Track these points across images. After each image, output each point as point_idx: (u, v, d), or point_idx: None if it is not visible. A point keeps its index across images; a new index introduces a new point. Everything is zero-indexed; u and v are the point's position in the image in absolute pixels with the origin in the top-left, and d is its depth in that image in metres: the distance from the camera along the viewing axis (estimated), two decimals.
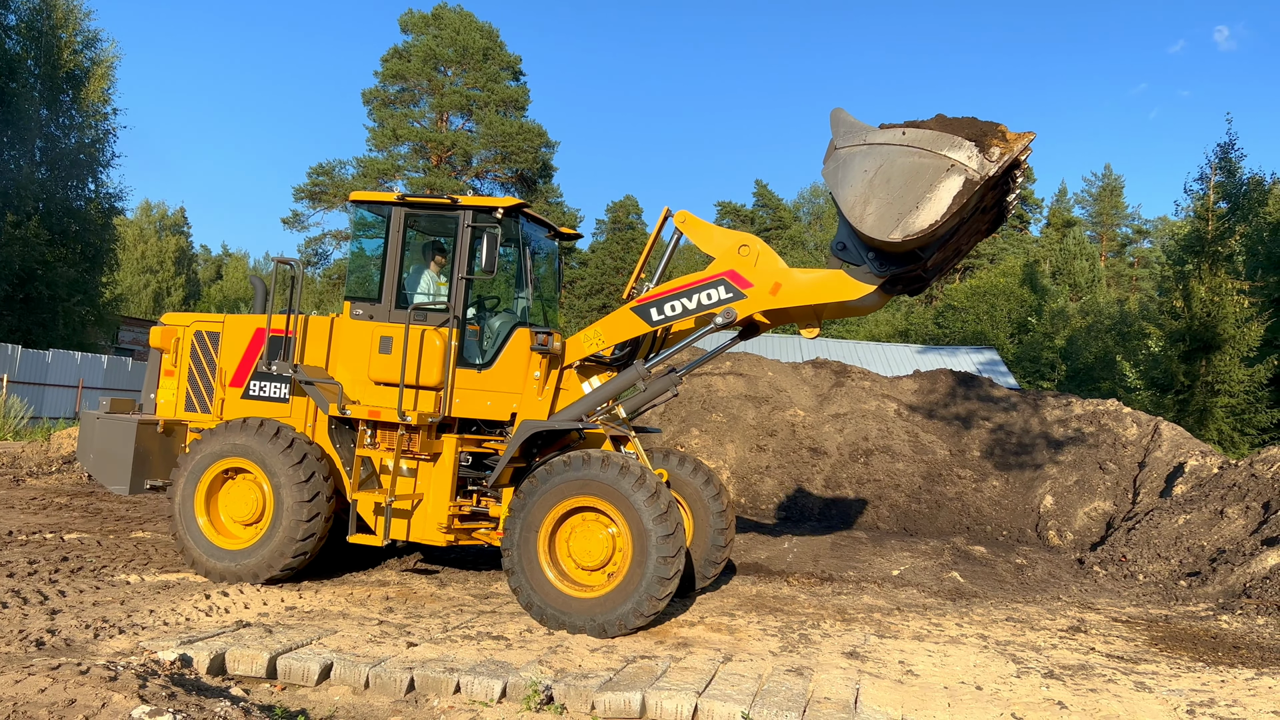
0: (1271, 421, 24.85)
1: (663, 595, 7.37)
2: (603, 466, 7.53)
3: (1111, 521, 15.50)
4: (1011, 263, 56.27)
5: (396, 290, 8.65)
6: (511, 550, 7.68)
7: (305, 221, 49.80)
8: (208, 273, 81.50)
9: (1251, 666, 7.84)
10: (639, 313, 8.17)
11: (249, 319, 9.22)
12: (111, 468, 8.96)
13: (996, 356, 37.98)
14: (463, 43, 49.02)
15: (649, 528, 7.34)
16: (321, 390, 8.54)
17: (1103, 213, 72.05)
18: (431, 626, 7.44)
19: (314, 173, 48.53)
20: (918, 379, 21.24)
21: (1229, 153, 30.61)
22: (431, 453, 8.46)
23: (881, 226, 6.72)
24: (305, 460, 8.31)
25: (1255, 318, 25.11)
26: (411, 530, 8.50)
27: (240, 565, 8.34)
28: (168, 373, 9.35)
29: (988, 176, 6.44)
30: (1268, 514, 12.47)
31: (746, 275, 7.89)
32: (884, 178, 6.72)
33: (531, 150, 49.23)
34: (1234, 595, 10.76)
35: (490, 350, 8.63)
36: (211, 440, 8.53)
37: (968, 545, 13.84)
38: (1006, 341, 46.19)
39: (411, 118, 49.93)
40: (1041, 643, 8.31)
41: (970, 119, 6.75)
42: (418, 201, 8.73)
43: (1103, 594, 11.30)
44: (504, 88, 50.14)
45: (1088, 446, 17.74)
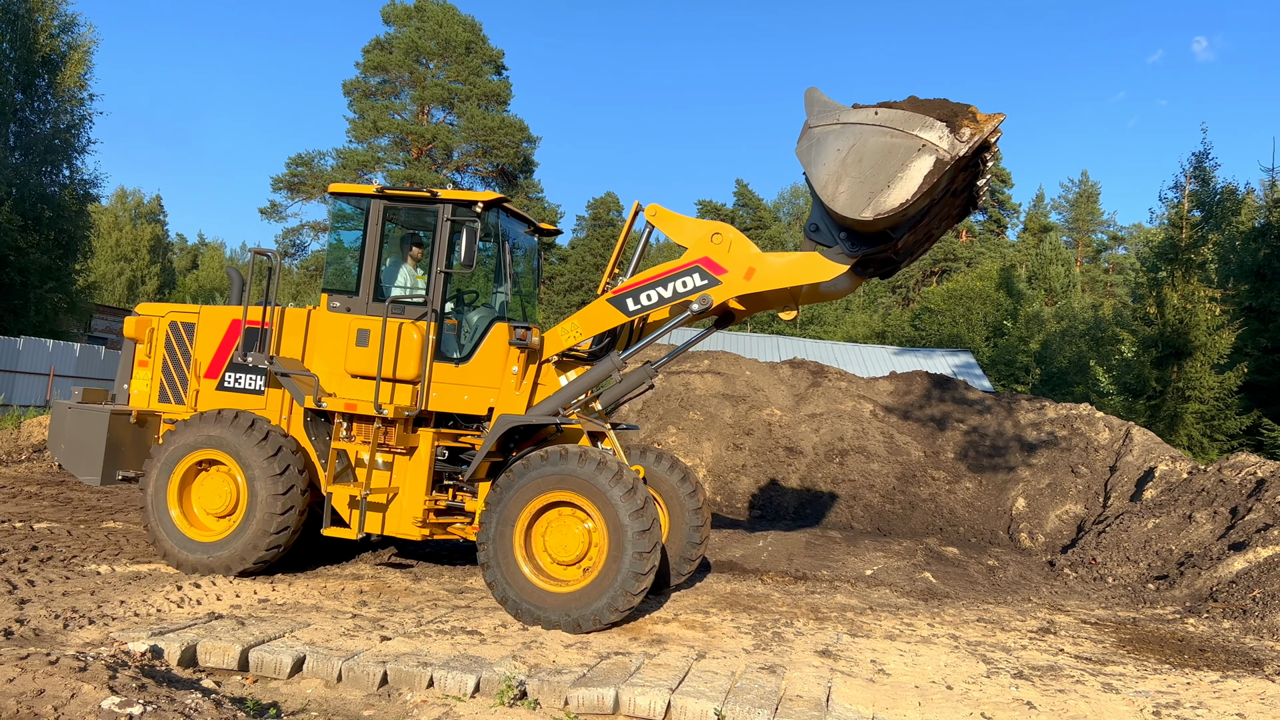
0: (1240, 428, 25.16)
1: (637, 591, 7.39)
2: (580, 462, 7.53)
3: (1082, 524, 15.67)
4: (988, 266, 56.72)
5: (374, 283, 8.62)
6: (487, 544, 7.68)
7: (283, 212, 49.40)
8: (183, 262, 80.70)
9: (1217, 669, 7.96)
10: (615, 303, 8.18)
11: (225, 310, 9.15)
12: (83, 458, 8.89)
13: (972, 359, 38.27)
14: (445, 35, 48.78)
15: (625, 523, 7.36)
16: (297, 382, 8.49)
17: (1079, 219, 72.73)
18: (405, 620, 7.42)
19: (293, 163, 48.17)
20: (894, 380, 21.38)
21: (1203, 162, 30.97)
22: (407, 446, 8.43)
23: (853, 205, 6.79)
24: (280, 453, 8.26)
25: (1226, 325, 25.42)
26: (386, 524, 8.47)
27: (213, 557, 8.27)
28: (141, 363, 9.26)
29: (958, 156, 6.54)
30: (1235, 519, 12.64)
31: (720, 261, 7.94)
32: (856, 156, 6.79)
33: (513, 145, 49.09)
34: (1201, 599, 10.90)
35: (468, 344, 8.61)
36: (185, 431, 8.46)
37: (940, 546, 13.97)
38: (982, 345, 46.56)
39: (392, 110, 49.65)
40: (1012, 643, 8.39)
41: (942, 100, 6.82)
42: (397, 194, 8.70)
43: (1072, 596, 11.43)
44: (486, 82, 49.95)
45: (1060, 450, 17.93)
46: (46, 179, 34.24)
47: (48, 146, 33.88)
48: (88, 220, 37.15)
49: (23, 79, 32.95)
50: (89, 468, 8.88)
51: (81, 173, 35.91)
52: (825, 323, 55.25)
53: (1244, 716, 6.59)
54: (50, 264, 32.72)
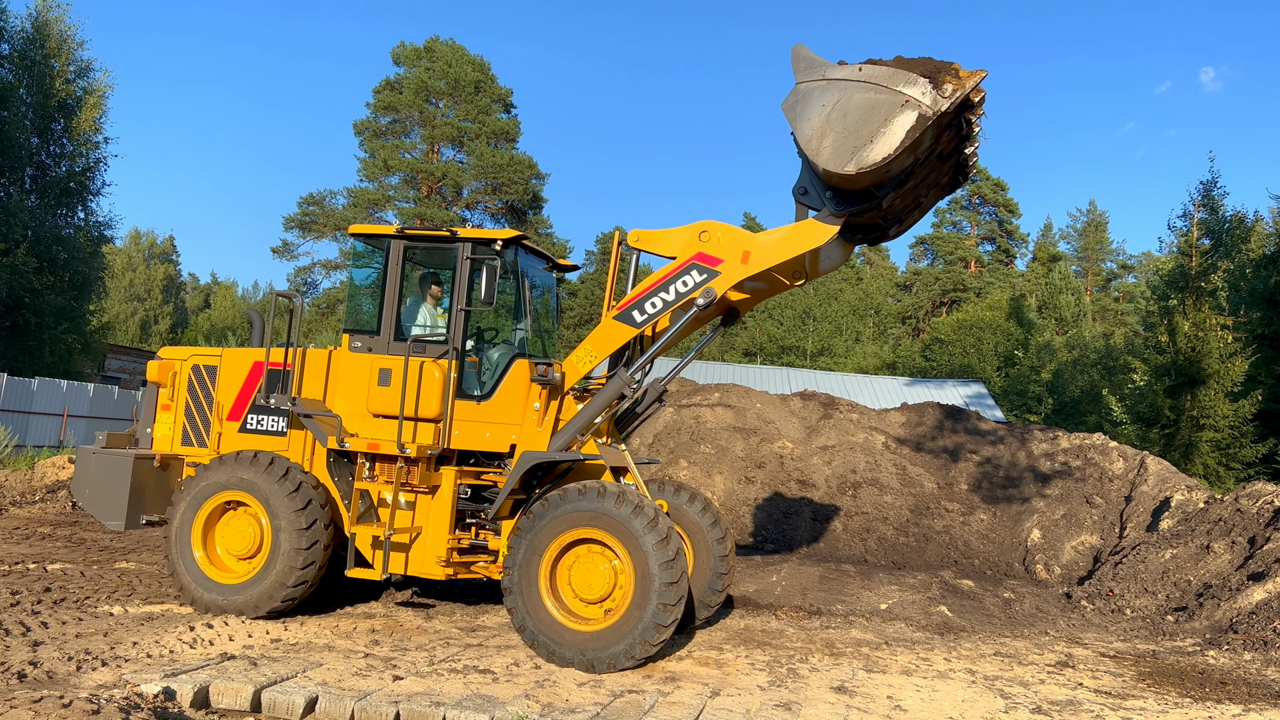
0: (1257, 456, 24.96)
1: (657, 641, 7.28)
2: (617, 502, 7.43)
3: (1098, 555, 15.53)
4: (998, 296, 56.68)
5: (395, 322, 8.63)
6: (513, 571, 7.59)
7: (295, 251, 49.86)
8: (196, 301, 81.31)
9: (1239, 702, 7.85)
10: (622, 319, 8.19)
11: (246, 352, 9.17)
12: (108, 503, 8.86)
13: (984, 389, 38.14)
14: (454, 75, 49.37)
15: (654, 572, 7.24)
16: (320, 423, 8.48)
17: (1088, 248, 72.71)
18: (418, 659, 7.39)
19: (304, 202, 48.68)
20: (905, 411, 21.31)
21: (1212, 190, 31.02)
22: (430, 485, 8.38)
23: (837, 159, 6.81)
24: (305, 497, 8.23)
25: (1239, 353, 25.31)
26: (410, 564, 8.40)
27: (234, 599, 8.22)
28: (164, 407, 9.27)
29: (940, 111, 6.57)
30: (1253, 549, 12.51)
31: (713, 253, 7.97)
32: (841, 112, 6.83)
33: (522, 182, 49.49)
34: (1221, 630, 10.77)
35: (489, 382, 8.60)
36: (210, 473, 8.44)
37: (955, 579, 13.85)
38: (993, 375, 46.42)
39: (403, 148, 50.17)
40: (1029, 678, 8.30)
41: (925, 59, 6.87)
42: (417, 234, 8.74)
43: (1090, 628, 11.30)
44: (495, 120, 50.47)
45: (1074, 480, 17.80)
46: (62, 221, 34.63)
47: (63, 189, 34.29)
48: (102, 261, 37.52)
49: (39, 124, 33.44)
50: (114, 512, 8.83)
51: (96, 215, 36.34)
52: (836, 354, 55.22)
53: None
54: (64, 305, 33.01)
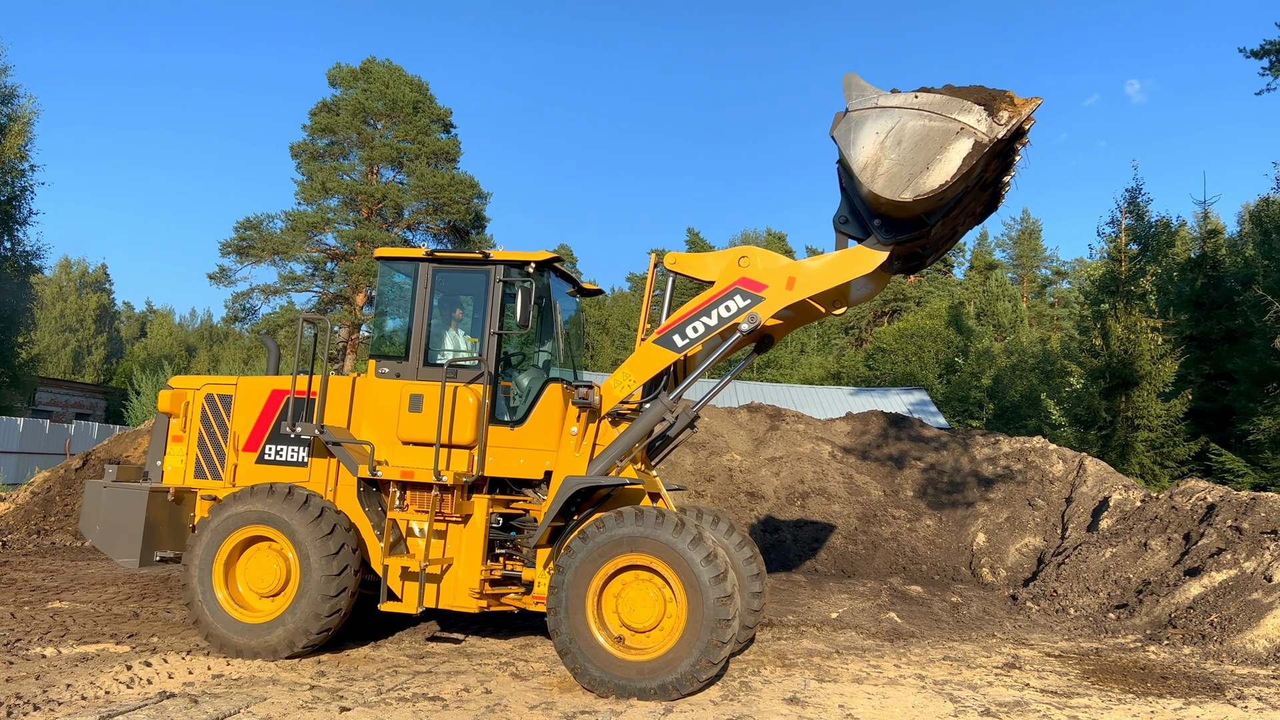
0: (1189, 454, 25.63)
1: (705, 678, 7.15)
2: (658, 524, 7.31)
3: (1042, 557, 15.81)
4: (937, 305, 57.62)
5: (425, 347, 8.45)
6: (559, 609, 7.40)
7: (233, 276, 48.74)
8: (131, 330, 79.39)
9: (1179, 696, 8.03)
10: (663, 343, 8.05)
11: (263, 380, 8.92)
12: (120, 539, 8.52)
13: (926, 397, 38.71)
14: (392, 96, 48.94)
15: (709, 607, 7.08)
16: (350, 451, 8.25)
17: (1022, 255, 74.33)
18: (365, 689, 7.25)
19: (241, 227, 47.68)
20: (850, 421, 21.55)
21: (1137, 197, 31.93)
22: (463, 514, 8.18)
23: (893, 186, 6.80)
24: (335, 531, 7.99)
25: (1169, 354, 26.01)
26: (441, 597, 8.18)
27: (265, 639, 7.92)
28: (176, 438, 8.96)
29: (996, 139, 6.61)
30: (1189, 545, 12.84)
31: (758, 279, 7.90)
32: (895, 139, 6.82)
33: (464, 201, 49.13)
34: (1160, 626, 11.02)
35: (522, 407, 8.44)
36: (230, 507, 8.14)
37: (904, 585, 14.00)
38: (935, 382, 47.12)
39: (341, 170, 49.50)
40: (978, 680, 8.40)
41: (978, 86, 6.90)
42: (447, 257, 8.59)
43: (1036, 629, 11.49)
44: (435, 140, 50.08)
45: (1016, 483, 18.13)
46: None
47: None
48: (30, 292, 36.45)
49: None
50: (127, 549, 8.49)
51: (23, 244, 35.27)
52: (782, 366, 55.65)
53: None
54: None
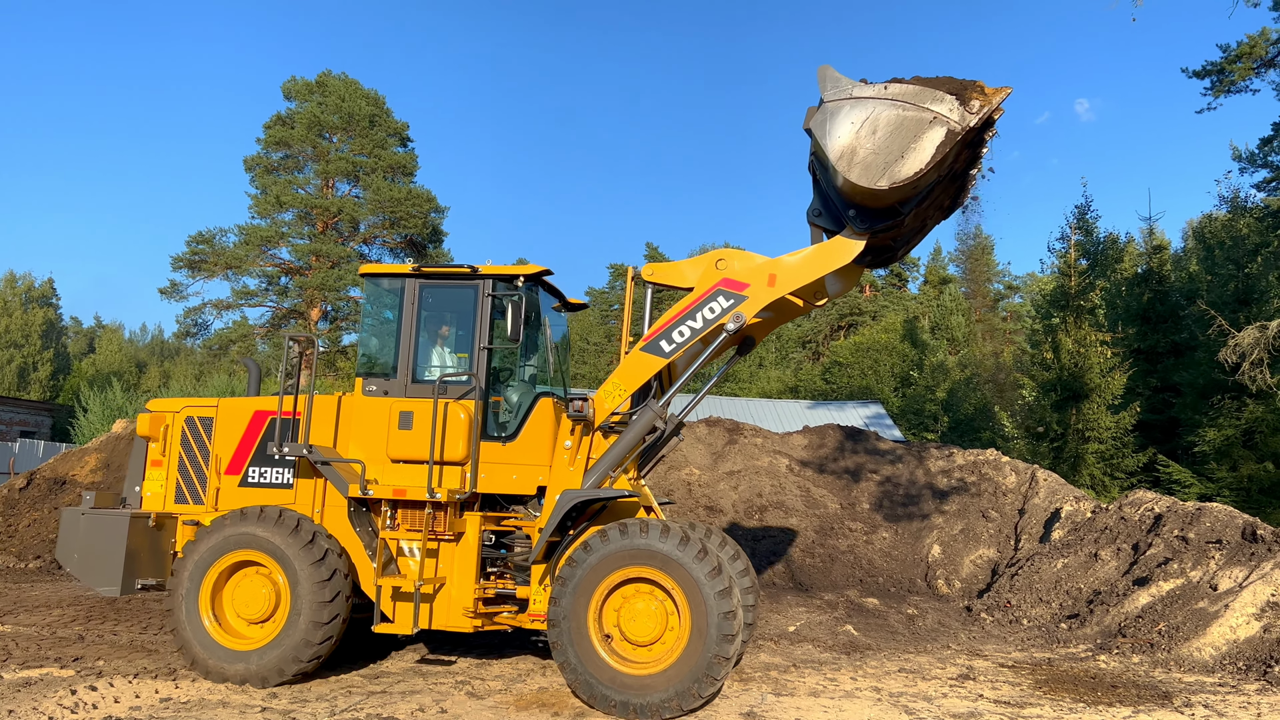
0: (1138, 465, 26.13)
1: (706, 694, 7.11)
2: (681, 545, 7.26)
3: (996, 568, 16.00)
4: (892, 319, 58.31)
5: (413, 364, 8.34)
6: (560, 610, 7.34)
7: (184, 291, 48.00)
8: (79, 346, 77.72)
9: (1128, 704, 8.16)
10: (650, 350, 8.04)
11: (245, 402, 8.76)
12: (100, 568, 8.27)
13: (882, 410, 39.08)
14: (348, 110, 48.64)
15: (713, 622, 7.07)
16: (340, 471, 8.12)
17: (975, 270, 75.46)
18: (318, 711, 7.15)
19: (193, 241, 46.98)
20: (807, 434, 21.68)
21: (1086, 214, 32.62)
22: (455, 532, 8.08)
23: (868, 175, 6.90)
24: (327, 558, 7.85)
25: (1118, 367, 26.56)
26: (434, 617, 8.06)
27: (254, 666, 7.74)
28: (155, 463, 8.77)
29: (968, 127, 6.75)
30: (1137, 554, 13.08)
31: (739, 278, 7.94)
32: (870, 129, 6.92)
33: (421, 215, 48.88)
34: (1111, 635, 11.20)
35: (513, 422, 8.36)
36: (216, 532, 7.96)
37: (861, 598, 14.08)
38: (891, 395, 47.61)
39: (296, 184, 49.04)
40: (933, 692, 8.47)
41: (949, 77, 7.03)
42: (434, 272, 8.48)
43: (990, 640, 11.62)
44: (391, 154, 49.82)
45: (970, 495, 18.35)
46: None
47: None
48: None
49: None
50: (108, 578, 8.24)
51: None
52: (740, 379, 55.92)
53: None
54: None
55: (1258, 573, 10.91)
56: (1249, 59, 21.57)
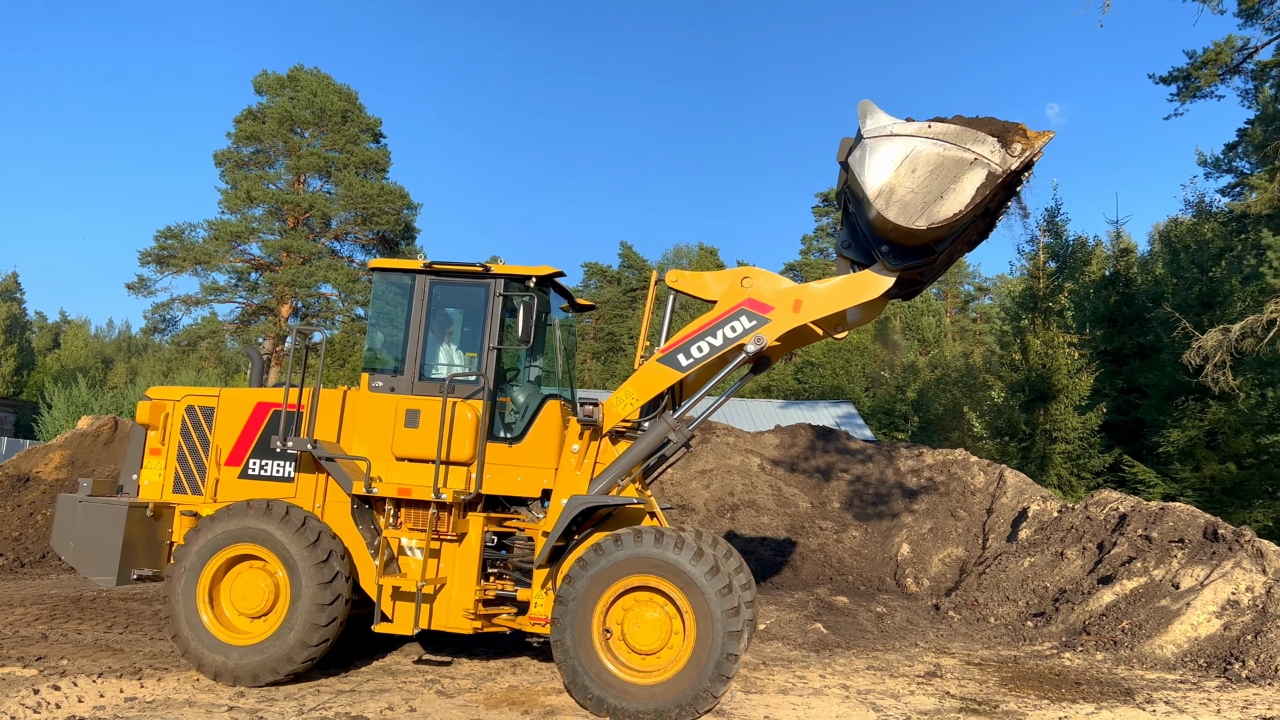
0: (1104, 465, 26.46)
1: (720, 693, 7.10)
2: (694, 558, 7.20)
3: (964, 566, 16.17)
4: None
5: (420, 361, 8.25)
6: (564, 618, 7.28)
7: (152, 287, 47.47)
8: (43, 341, 76.53)
9: (1092, 701, 8.28)
10: (667, 362, 7.98)
11: (247, 392, 8.64)
12: (97, 557, 8.12)
13: (853, 410, 39.37)
14: (320, 104, 48.27)
15: (718, 635, 7.03)
16: (345, 468, 8.01)
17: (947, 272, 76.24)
18: (286, 710, 7.10)
19: (161, 236, 46.45)
20: (779, 434, 21.79)
21: (1056, 217, 32.98)
22: (458, 533, 7.99)
23: (907, 214, 6.87)
24: (330, 558, 7.75)
25: (1085, 368, 26.88)
26: (434, 617, 7.98)
27: (251, 661, 7.61)
28: (154, 451, 8.62)
29: (1009, 171, 6.74)
30: (1102, 554, 13.26)
31: (764, 300, 7.89)
32: (910, 167, 6.88)
33: (393, 212, 48.62)
34: (1075, 633, 11.35)
35: (520, 424, 8.28)
36: (217, 524, 7.85)
37: (831, 596, 14.17)
38: (862, 395, 47.97)
39: (267, 179, 48.63)
40: (900, 689, 8.55)
41: (990, 118, 7.01)
42: (445, 269, 8.35)
43: (957, 638, 11.73)
44: (364, 149, 49.51)
45: (939, 495, 18.52)
46: None
47: None
48: None
49: None
50: (104, 567, 8.09)
51: None
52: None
53: None
54: None
55: (1218, 571, 11.10)
56: (1214, 65, 21.96)
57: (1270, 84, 23.98)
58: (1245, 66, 22.55)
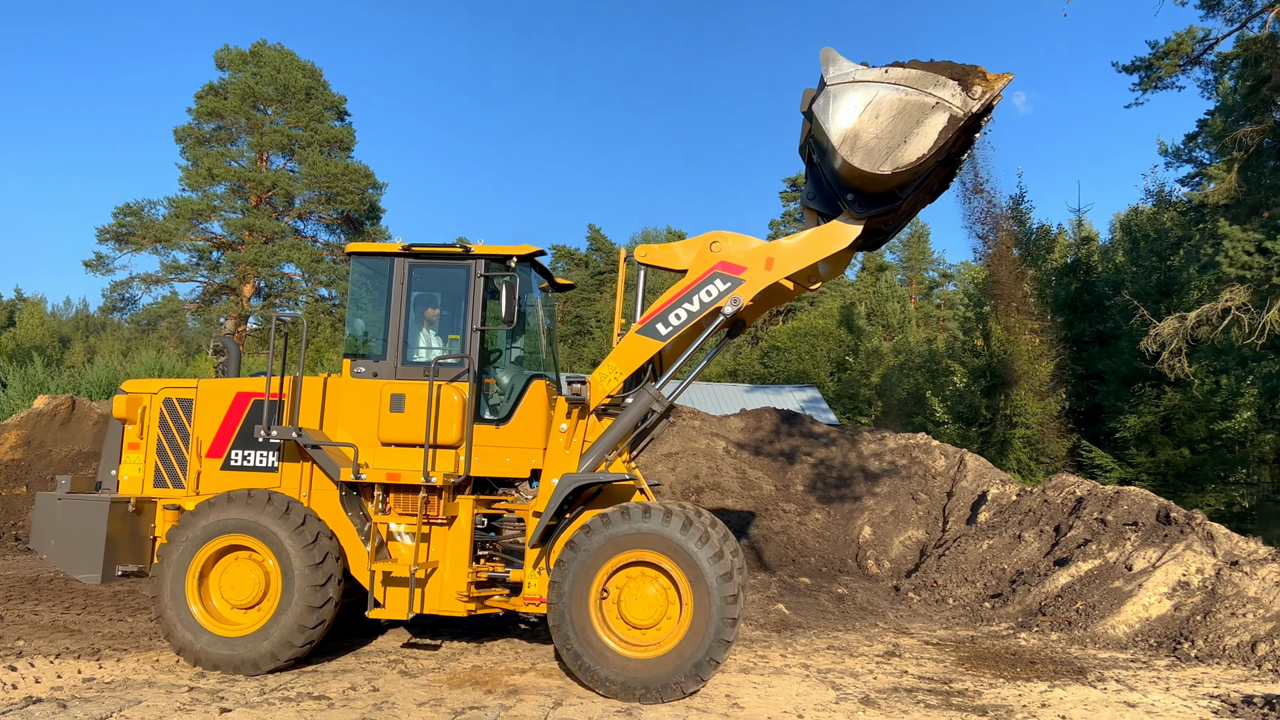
0: (1063, 450, 26.92)
1: (723, 658, 7.16)
2: (684, 529, 7.26)
3: (924, 549, 16.39)
4: (830, 305, 59.05)
5: (402, 345, 8.17)
6: (561, 596, 7.28)
7: (110, 264, 46.63)
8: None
9: (1045, 679, 8.46)
10: (646, 332, 7.94)
11: (226, 383, 8.50)
12: (80, 555, 7.97)
13: (818, 394, 39.66)
14: (283, 81, 47.56)
15: (715, 606, 7.10)
16: (332, 455, 7.94)
17: (911, 258, 76.75)
18: (248, 689, 7.08)
19: (120, 213, 45.63)
20: (744, 417, 21.91)
21: (1020, 204, 33.35)
22: (448, 516, 7.96)
23: (871, 160, 6.89)
24: (319, 540, 7.69)
25: (1045, 355, 27.28)
26: (427, 601, 7.94)
27: (246, 652, 7.54)
28: (132, 445, 8.46)
29: (970, 113, 6.78)
30: (1059, 536, 13.51)
31: (736, 261, 7.88)
32: (874, 113, 6.89)
33: (358, 191, 48.12)
34: (1031, 614, 11.57)
35: (506, 405, 8.24)
36: (203, 516, 7.74)
37: (793, 577, 14.32)
38: (827, 379, 48.28)
39: (229, 156, 47.87)
40: (860, 669, 8.68)
41: (949, 62, 7.03)
42: (425, 251, 8.26)
43: (916, 619, 11.92)
44: (328, 128, 48.88)
45: (901, 478, 18.74)
46: None
47: None
48: None
49: None
50: (88, 565, 7.94)
51: None
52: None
53: None
54: None
55: (1170, 554, 11.36)
56: (1176, 56, 22.21)
57: (1230, 75, 24.33)
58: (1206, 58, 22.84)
